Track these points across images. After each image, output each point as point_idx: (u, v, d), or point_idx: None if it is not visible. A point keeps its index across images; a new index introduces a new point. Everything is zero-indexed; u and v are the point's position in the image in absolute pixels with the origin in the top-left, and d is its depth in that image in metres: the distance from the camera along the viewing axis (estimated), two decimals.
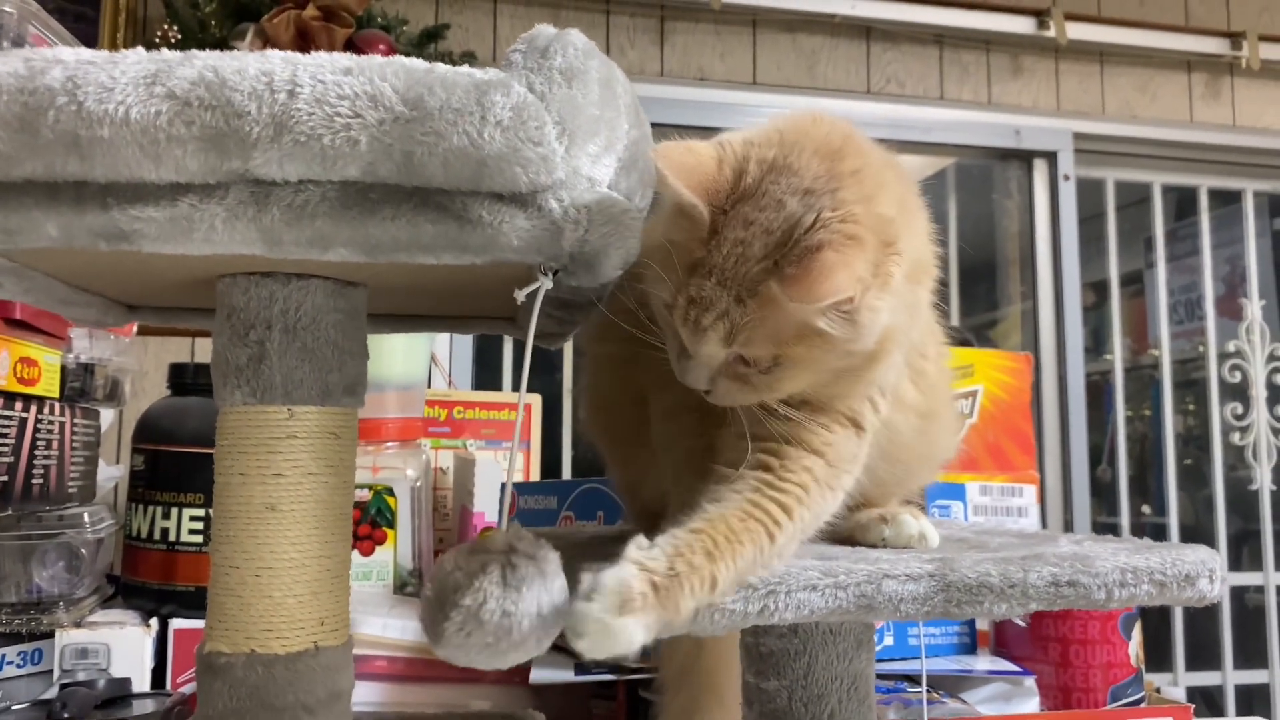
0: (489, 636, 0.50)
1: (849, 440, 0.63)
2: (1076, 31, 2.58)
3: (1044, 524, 2.52)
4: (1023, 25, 2.58)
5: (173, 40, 1.94)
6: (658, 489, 0.70)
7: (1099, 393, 2.85)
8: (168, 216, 0.52)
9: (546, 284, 0.57)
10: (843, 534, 0.72)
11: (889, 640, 1.07)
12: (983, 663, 1.10)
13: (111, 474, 1.46)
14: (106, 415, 1.39)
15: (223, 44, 1.92)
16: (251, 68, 0.51)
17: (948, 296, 2.69)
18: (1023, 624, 1.11)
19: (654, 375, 0.66)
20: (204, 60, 0.51)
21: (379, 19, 2.05)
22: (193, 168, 0.51)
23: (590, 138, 0.55)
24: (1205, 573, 0.63)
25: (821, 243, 0.53)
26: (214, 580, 0.65)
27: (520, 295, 0.56)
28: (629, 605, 0.50)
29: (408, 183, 0.53)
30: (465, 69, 0.53)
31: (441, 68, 0.53)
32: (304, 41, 1.91)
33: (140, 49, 0.52)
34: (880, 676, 1.04)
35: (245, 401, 0.65)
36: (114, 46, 2.02)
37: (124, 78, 0.50)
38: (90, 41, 2.00)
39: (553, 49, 0.55)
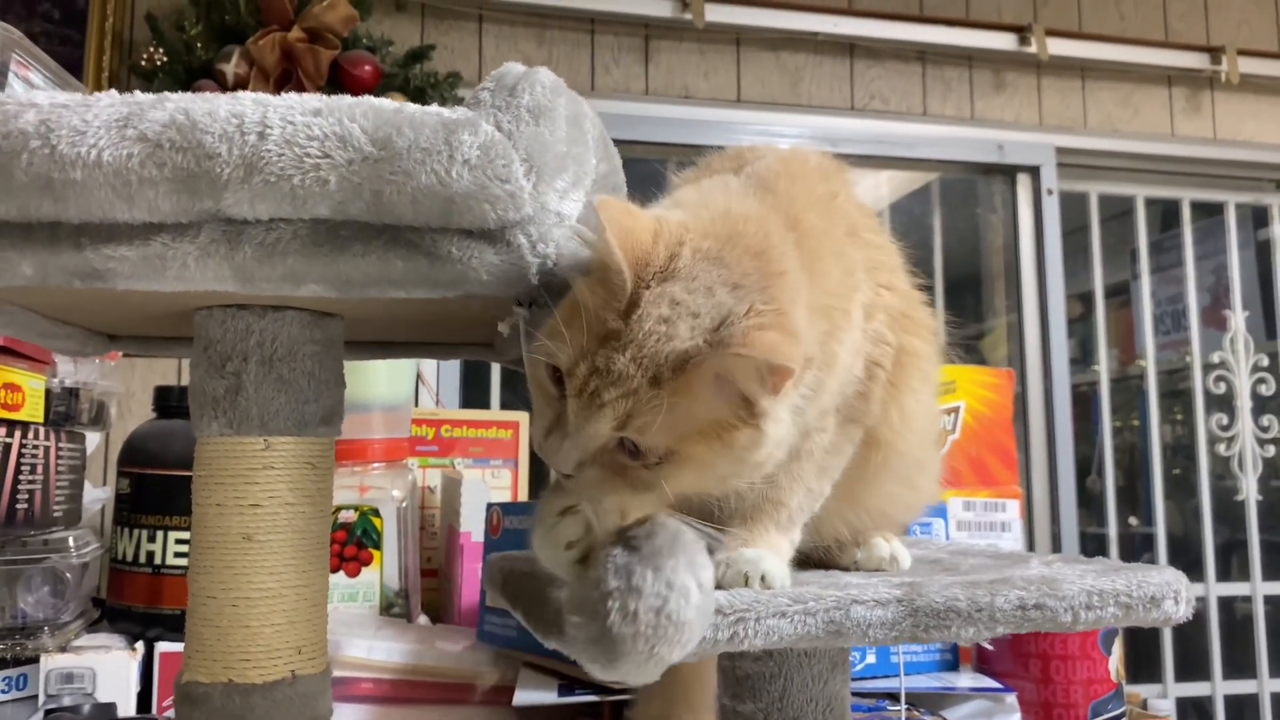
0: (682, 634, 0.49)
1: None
2: (1058, 47, 2.61)
3: (1031, 536, 2.53)
4: (1004, 41, 2.60)
5: (159, 63, 1.95)
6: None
7: (1087, 404, 2.86)
8: (141, 255, 0.53)
9: (524, 315, 0.58)
10: (816, 558, 0.73)
11: (870, 658, 1.07)
12: (964, 680, 1.10)
13: (98, 496, 1.46)
14: (93, 438, 1.39)
15: (208, 67, 1.93)
16: (222, 110, 0.52)
17: (933, 311, 2.71)
18: (989, 646, 1.12)
19: None
20: (175, 103, 0.52)
21: (365, 40, 2.06)
22: (165, 208, 0.52)
23: (558, 174, 0.56)
24: (1170, 594, 0.63)
25: (765, 324, 0.51)
26: (191, 610, 0.66)
27: (504, 328, 0.57)
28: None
29: (378, 220, 0.54)
30: (434, 108, 0.54)
31: (410, 107, 0.54)
32: (289, 63, 1.92)
33: (114, 91, 0.53)
34: (861, 695, 1.05)
35: (222, 433, 0.65)
36: (99, 70, 2.03)
37: (96, 121, 0.51)
38: (76, 66, 2.00)
39: (520, 87, 0.56)
